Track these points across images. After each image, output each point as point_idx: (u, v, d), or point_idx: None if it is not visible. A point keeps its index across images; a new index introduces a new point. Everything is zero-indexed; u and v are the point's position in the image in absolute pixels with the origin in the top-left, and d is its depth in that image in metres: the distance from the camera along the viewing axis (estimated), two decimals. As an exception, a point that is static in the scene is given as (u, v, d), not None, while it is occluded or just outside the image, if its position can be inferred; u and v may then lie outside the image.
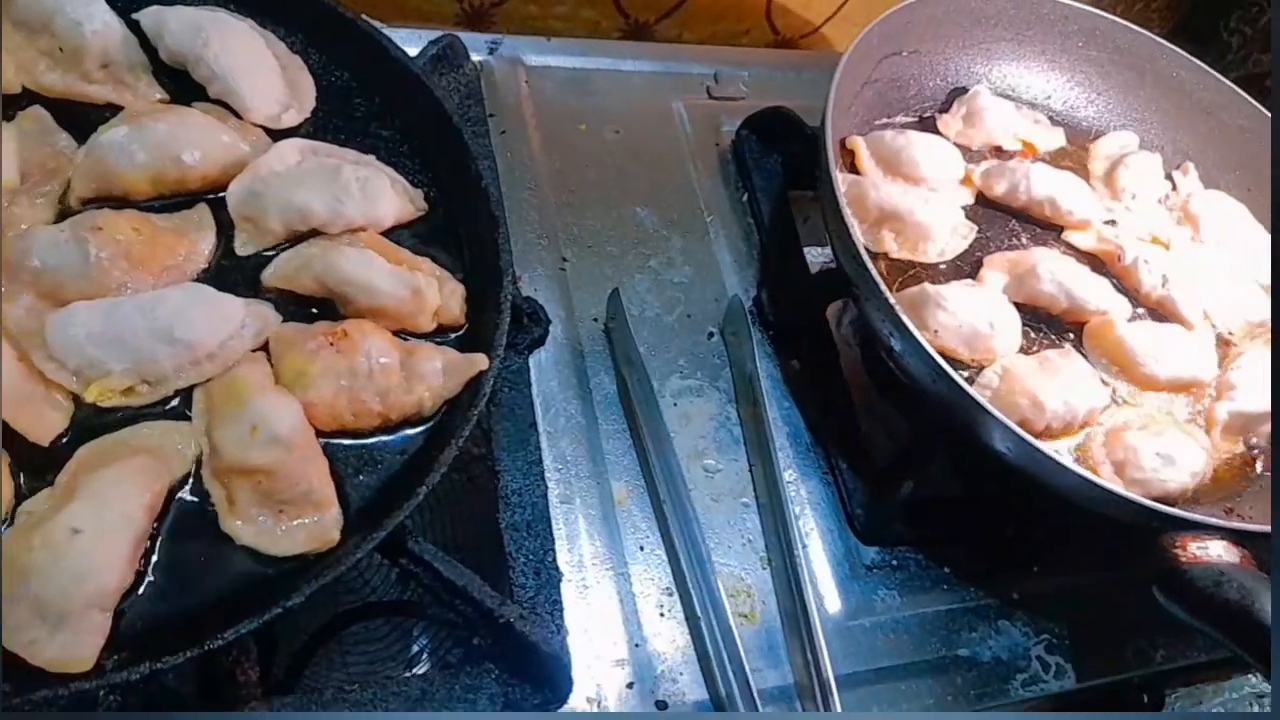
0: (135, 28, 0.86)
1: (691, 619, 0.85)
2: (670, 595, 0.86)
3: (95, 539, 0.62)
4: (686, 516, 0.86)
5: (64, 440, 0.69)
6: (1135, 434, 0.94)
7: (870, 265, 0.86)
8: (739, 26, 1.60)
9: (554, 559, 0.83)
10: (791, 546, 0.88)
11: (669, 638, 0.84)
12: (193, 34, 0.84)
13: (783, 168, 1.14)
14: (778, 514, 0.90)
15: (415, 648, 0.90)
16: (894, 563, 0.93)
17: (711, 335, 1.02)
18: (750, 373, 0.97)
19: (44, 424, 0.68)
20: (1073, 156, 1.20)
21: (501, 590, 0.77)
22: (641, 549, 0.88)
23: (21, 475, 0.67)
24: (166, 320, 0.71)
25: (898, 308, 0.84)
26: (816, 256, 1.09)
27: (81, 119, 0.82)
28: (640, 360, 0.93)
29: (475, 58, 1.11)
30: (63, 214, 0.77)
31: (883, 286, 0.85)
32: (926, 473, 0.92)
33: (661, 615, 0.85)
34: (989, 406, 0.82)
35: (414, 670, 0.85)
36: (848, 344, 1.01)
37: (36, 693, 0.56)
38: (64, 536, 0.61)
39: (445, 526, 0.89)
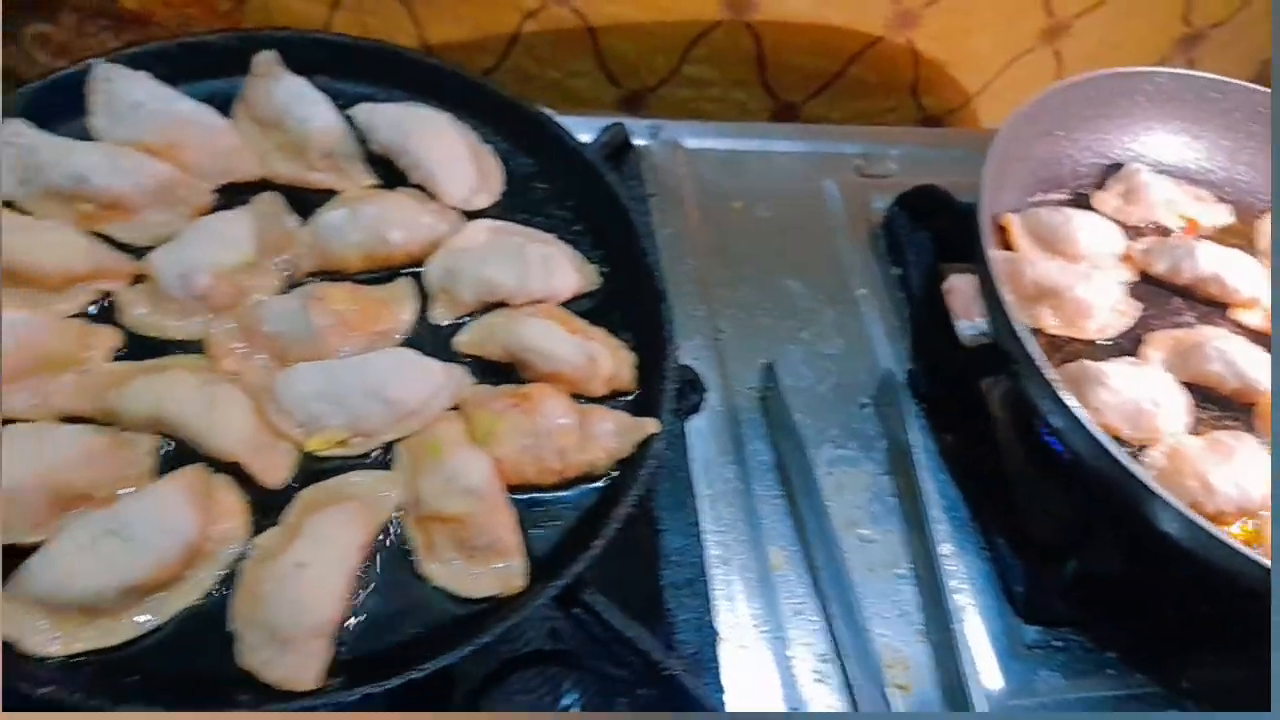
0: (349, 122, 0.98)
1: (847, 687, 0.86)
2: (826, 662, 0.87)
3: (318, 574, 0.70)
4: (843, 585, 0.88)
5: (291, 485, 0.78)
6: (1316, 520, 0.90)
7: (1030, 341, 0.87)
8: (885, 104, 1.65)
9: (712, 619, 0.86)
10: (948, 621, 0.88)
11: (825, 703, 0.85)
12: (399, 128, 0.95)
13: (933, 243, 1.17)
14: (934, 588, 0.90)
15: (566, 700, 0.94)
16: (1057, 643, 0.92)
17: (864, 406, 1.05)
18: (905, 445, 0.98)
19: (275, 470, 0.77)
20: (1240, 233, 1.18)
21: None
22: (798, 614, 0.90)
23: (253, 514, 0.76)
24: (379, 381, 0.80)
25: (1058, 384, 0.85)
26: (967, 329, 1.10)
27: (304, 201, 0.93)
28: (795, 430, 0.97)
29: (638, 142, 1.20)
30: (290, 284, 0.89)
31: (1044, 363, 0.86)
32: (1091, 552, 0.91)
33: (818, 681, 0.86)
34: (1157, 487, 0.81)
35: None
36: (1002, 418, 1.01)
37: (269, 706, 0.64)
38: (292, 570, 0.69)
39: (605, 581, 0.93)
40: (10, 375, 0.75)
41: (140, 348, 0.82)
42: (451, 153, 0.96)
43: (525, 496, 0.81)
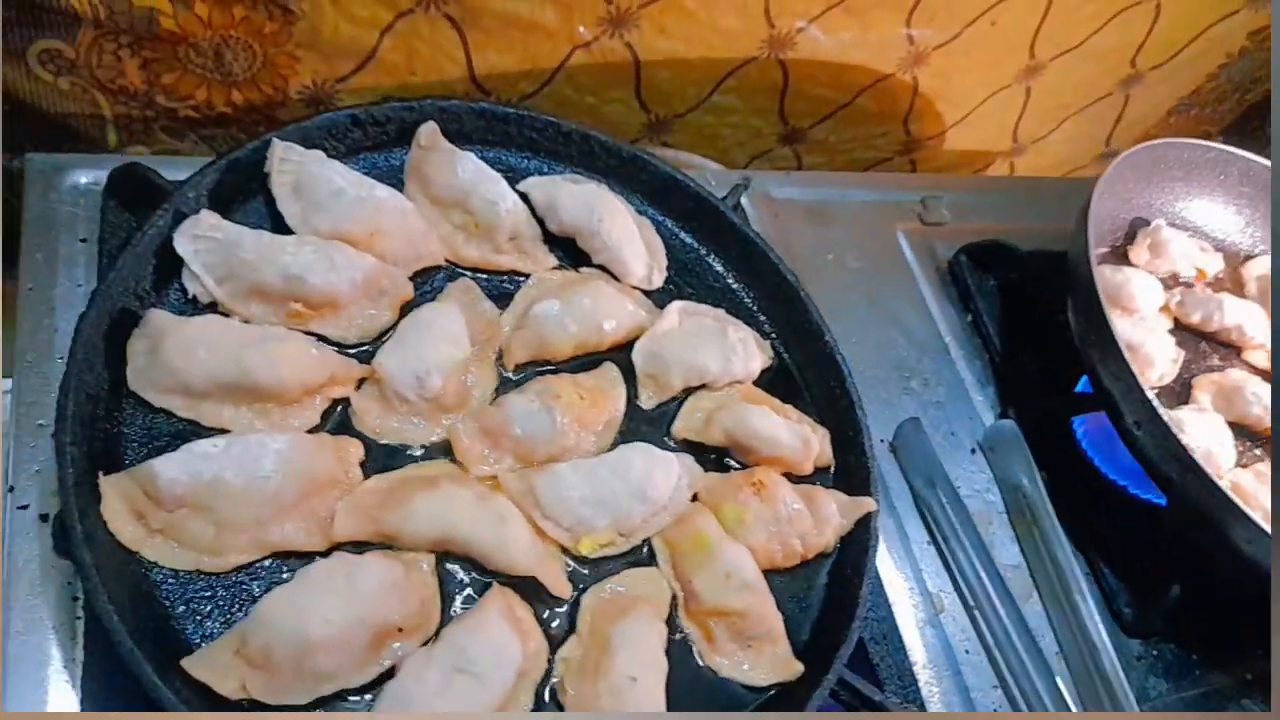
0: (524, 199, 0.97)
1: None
2: (995, 689, 1.00)
3: (647, 683, 0.73)
4: (1015, 617, 1.00)
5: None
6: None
7: (1150, 394, 1.01)
8: (878, 130, 1.77)
9: (910, 666, 0.96)
10: (1090, 642, 1.02)
11: (1001, 728, 0.98)
12: (587, 210, 0.95)
13: (998, 292, 1.29)
14: (1067, 614, 1.04)
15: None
16: (1154, 653, 1.08)
17: (974, 451, 1.17)
18: (1027, 487, 1.11)
19: (562, 579, 0.78)
20: (1229, 278, 1.39)
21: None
22: (967, 652, 1.01)
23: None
24: (639, 481, 0.82)
25: (1174, 429, 0.99)
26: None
27: (486, 284, 0.92)
28: (947, 478, 1.07)
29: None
30: (499, 376, 0.88)
31: (1164, 414, 1.00)
32: (1187, 576, 1.07)
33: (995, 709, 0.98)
34: (1244, 507, 0.97)
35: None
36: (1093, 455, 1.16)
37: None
38: (625, 684, 0.72)
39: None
40: (282, 506, 0.72)
41: (380, 456, 0.80)
42: (630, 232, 0.97)
43: (773, 580, 0.86)
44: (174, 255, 0.79)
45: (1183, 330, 1.29)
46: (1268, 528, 0.98)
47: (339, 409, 0.81)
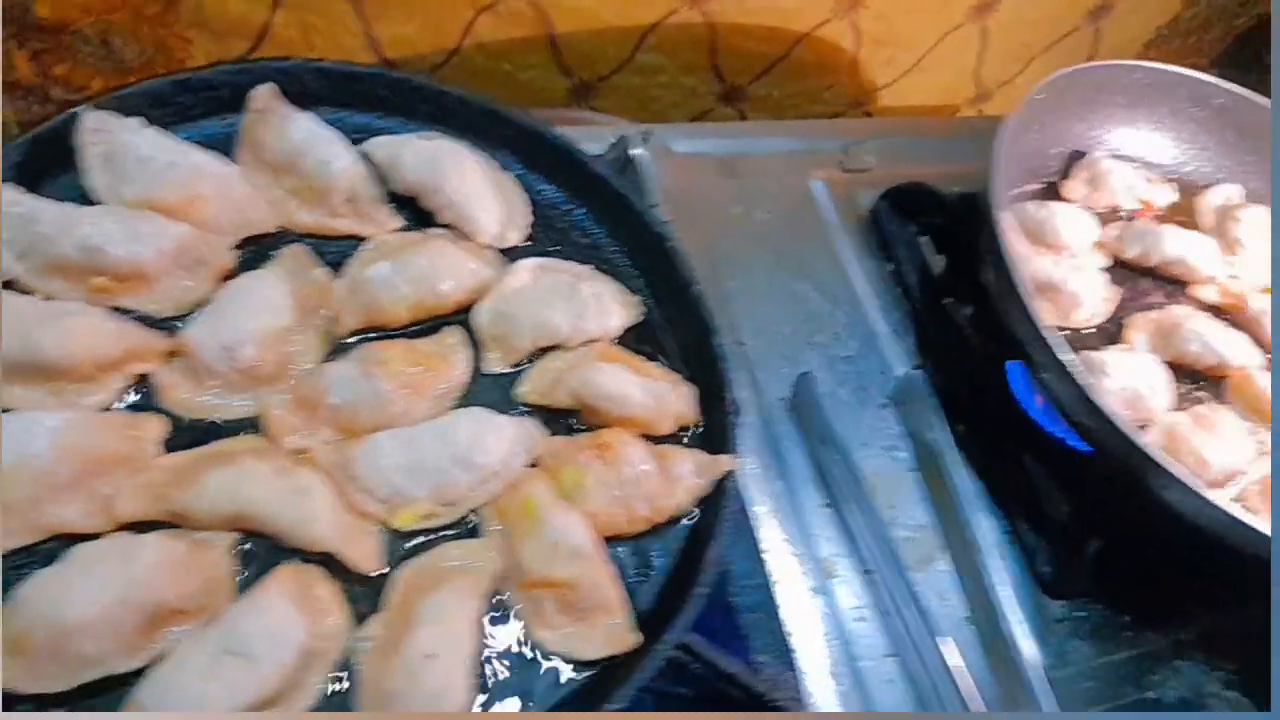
0: (366, 160, 0.92)
1: (911, 681, 0.92)
2: (892, 658, 0.93)
3: (448, 661, 0.68)
4: (903, 583, 0.93)
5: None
6: (1289, 481, 1.02)
7: (1051, 336, 0.93)
8: (824, 83, 1.68)
9: (785, 636, 0.90)
10: (994, 607, 0.95)
11: (894, 700, 0.91)
12: (430, 165, 0.90)
13: (921, 238, 1.21)
14: (975, 577, 0.97)
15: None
16: (1080, 615, 1.01)
17: (884, 406, 1.09)
18: (930, 442, 1.04)
19: (369, 554, 0.74)
20: (1183, 210, 1.28)
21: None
22: (861, 620, 0.94)
23: (349, 602, 0.73)
24: (465, 446, 0.77)
25: (1084, 377, 0.91)
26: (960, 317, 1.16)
27: (325, 250, 0.88)
28: (839, 439, 1.00)
29: (632, 151, 1.18)
30: (332, 344, 0.84)
31: (1069, 354, 0.92)
32: (1109, 531, 0.99)
33: (888, 682, 0.92)
34: (1170, 465, 0.89)
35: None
36: (1013, 408, 1.08)
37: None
38: (420, 662, 0.68)
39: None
40: (59, 486, 0.69)
41: (189, 433, 0.76)
42: (480, 188, 0.92)
43: (620, 547, 0.81)
44: (-32, 233, 0.76)
45: (1124, 268, 1.19)
46: (1192, 483, 0.89)
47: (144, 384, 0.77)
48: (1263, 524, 0.90)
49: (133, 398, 0.77)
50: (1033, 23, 1.73)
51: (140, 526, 0.70)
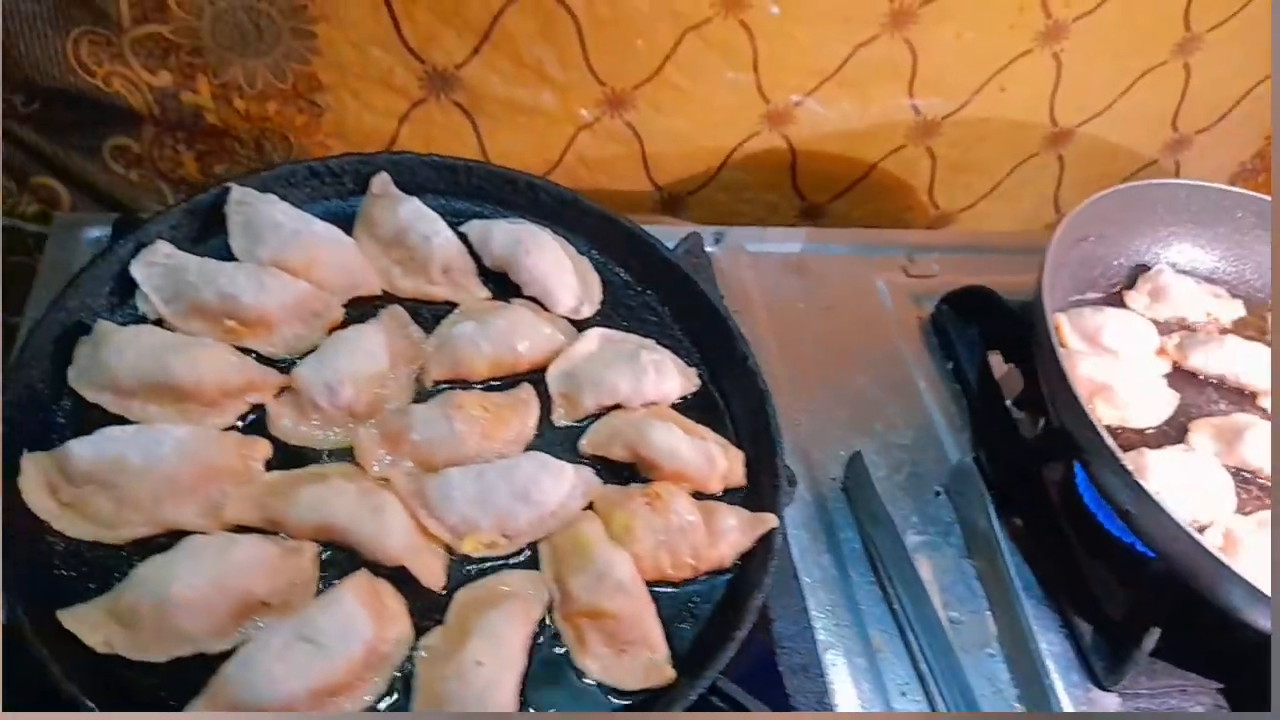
0: (463, 239, 1.05)
1: (955, 763, 0.91)
2: (933, 739, 0.93)
3: (494, 670, 0.74)
4: (952, 665, 0.94)
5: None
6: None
7: (1104, 433, 0.95)
8: (903, 204, 1.77)
9: (829, 701, 0.91)
10: (1045, 694, 0.94)
11: (937, 781, 0.90)
12: (514, 244, 1.03)
13: (981, 338, 1.26)
14: (1028, 666, 0.97)
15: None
16: (1131, 707, 0.98)
17: (938, 494, 1.12)
18: (984, 530, 1.06)
19: (435, 572, 0.81)
20: (1253, 325, 1.30)
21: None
22: (903, 694, 0.95)
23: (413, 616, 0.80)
24: (524, 484, 0.85)
25: (1134, 474, 0.93)
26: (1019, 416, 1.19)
27: (422, 314, 1.00)
28: (888, 518, 1.03)
29: (706, 247, 1.28)
30: (419, 392, 0.94)
31: (1118, 453, 0.94)
32: (1164, 626, 0.98)
33: (929, 758, 0.92)
34: (1235, 568, 0.88)
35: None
36: (1066, 504, 1.09)
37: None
38: (471, 668, 0.74)
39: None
40: (178, 488, 0.80)
41: (289, 457, 0.87)
42: (559, 266, 1.03)
43: (664, 591, 0.86)
44: (131, 280, 0.91)
45: (1188, 376, 1.21)
46: (1255, 583, 0.89)
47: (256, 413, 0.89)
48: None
49: (247, 421, 0.88)
50: (1109, 154, 1.79)
51: (241, 530, 0.80)
